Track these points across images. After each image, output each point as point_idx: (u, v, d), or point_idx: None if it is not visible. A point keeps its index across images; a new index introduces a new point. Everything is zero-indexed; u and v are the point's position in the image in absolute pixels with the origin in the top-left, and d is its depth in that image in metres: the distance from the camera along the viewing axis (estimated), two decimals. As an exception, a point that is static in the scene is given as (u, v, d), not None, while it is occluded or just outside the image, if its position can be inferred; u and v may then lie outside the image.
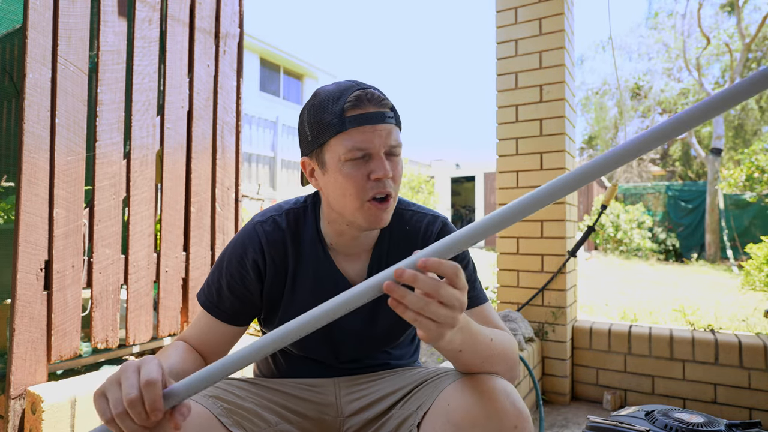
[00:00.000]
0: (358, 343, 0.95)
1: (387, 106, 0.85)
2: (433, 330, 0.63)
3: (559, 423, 2.01)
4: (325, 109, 0.84)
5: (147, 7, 1.68)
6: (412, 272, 0.61)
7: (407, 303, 0.62)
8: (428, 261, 0.61)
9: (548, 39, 2.25)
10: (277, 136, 14.07)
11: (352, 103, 0.82)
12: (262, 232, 0.92)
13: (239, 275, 0.90)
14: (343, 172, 0.83)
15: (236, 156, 2.02)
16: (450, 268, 0.62)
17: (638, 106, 16.64)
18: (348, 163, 0.83)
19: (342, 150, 0.82)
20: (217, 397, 0.78)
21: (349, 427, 0.89)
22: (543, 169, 2.25)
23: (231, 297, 0.90)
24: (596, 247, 10.59)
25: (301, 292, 0.92)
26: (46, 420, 1.21)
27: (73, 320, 1.44)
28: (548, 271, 2.24)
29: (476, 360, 0.75)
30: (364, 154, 0.83)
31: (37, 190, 1.35)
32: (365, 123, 0.82)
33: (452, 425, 0.71)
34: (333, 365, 0.96)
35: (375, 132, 0.82)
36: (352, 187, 0.83)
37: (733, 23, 13.36)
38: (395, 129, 0.85)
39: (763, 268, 4.01)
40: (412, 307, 0.62)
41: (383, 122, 0.83)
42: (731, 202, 10.20)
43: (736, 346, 2.02)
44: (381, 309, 0.93)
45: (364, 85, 0.86)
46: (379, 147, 0.83)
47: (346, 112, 0.82)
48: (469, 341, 0.71)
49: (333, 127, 0.83)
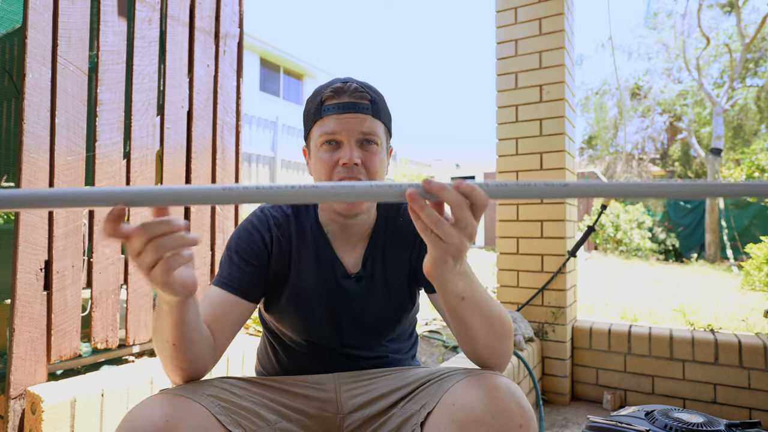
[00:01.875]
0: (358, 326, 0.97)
1: (365, 98, 0.90)
2: (444, 249, 0.65)
3: (559, 423, 2.01)
4: (312, 100, 0.93)
5: (147, 7, 1.68)
6: (440, 183, 0.63)
7: (422, 214, 0.63)
8: (462, 183, 0.63)
9: (548, 39, 2.25)
10: (277, 136, 14.06)
11: (330, 93, 0.89)
12: (270, 214, 0.98)
13: (249, 248, 0.94)
14: (317, 157, 0.91)
15: (236, 156, 2.02)
16: (480, 196, 0.64)
17: (638, 106, 16.64)
18: (321, 148, 0.90)
19: (317, 135, 0.90)
20: (215, 396, 0.78)
21: (349, 425, 0.89)
22: (543, 169, 2.25)
23: (242, 267, 0.92)
24: (596, 247, 10.59)
25: (302, 274, 0.95)
26: (46, 420, 1.21)
27: (72, 320, 1.43)
28: (548, 271, 2.24)
29: (477, 314, 0.76)
30: (334, 140, 0.89)
31: (36, 190, 1.35)
32: (338, 111, 0.88)
33: (457, 425, 0.71)
34: (335, 349, 0.97)
35: (346, 120, 0.88)
36: (323, 172, 0.90)
37: (733, 23, 13.38)
38: (370, 119, 0.90)
39: (762, 267, 4.01)
40: (426, 219, 0.64)
41: (355, 111, 0.88)
42: (731, 202, 10.21)
43: (735, 346, 2.02)
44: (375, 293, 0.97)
45: (348, 79, 0.92)
46: (348, 135, 0.88)
47: (325, 101, 0.90)
48: (470, 290, 0.73)
49: (314, 115, 0.92)
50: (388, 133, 0.97)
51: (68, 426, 1.25)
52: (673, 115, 16.25)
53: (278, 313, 0.97)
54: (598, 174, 12.96)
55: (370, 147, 0.90)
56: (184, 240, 0.63)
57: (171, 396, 0.72)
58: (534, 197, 0.62)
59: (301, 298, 0.95)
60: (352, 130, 0.88)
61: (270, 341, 1.04)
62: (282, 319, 0.97)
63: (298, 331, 0.97)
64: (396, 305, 0.99)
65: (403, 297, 0.99)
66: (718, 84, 15.34)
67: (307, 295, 0.95)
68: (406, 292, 0.99)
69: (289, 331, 0.98)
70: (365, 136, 0.89)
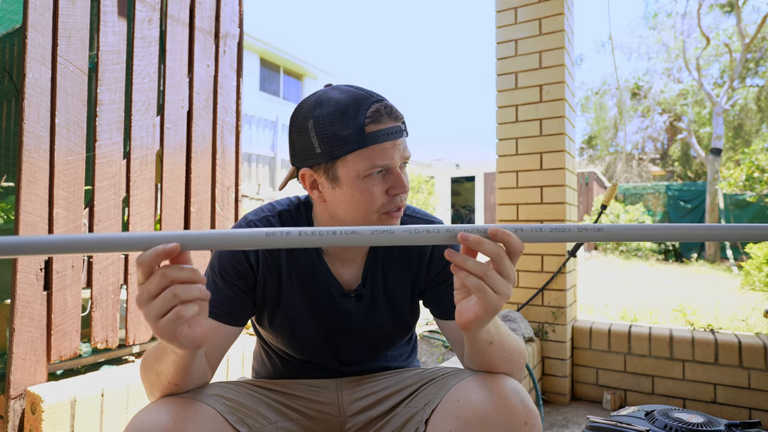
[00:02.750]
0: (358, 345, 0.94)
1: (401, 119, 0.83)
2: (495, 301, 0.63)
3: (559, 423, 2.01)
4: (340, 122, 0.79)
5: (147, 7, 1.68)
6: (477, 236, 0.61)
7: (469, 267, 0.61)
8: (498, 231, 0.62)
9: (548, 39, 2.25)
10: (277, 136, 14.07)
11: (372, 117, 0.79)
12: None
13: (233, 268, 0.86)
14: (361, 189, 0.81)
15: (236, 156, 2.02)
16: (517, 244, 0.63)
17: (638, 106, 16.65)
18: (369, 179, 0.81)
19: (362, 166, 0.80)
20: (221, 396, 0.78)
21: (351, 426, 0.89)
22: (543, 169, 2.25)
23: (226, 291, 0.85)
24: (596, 247, 10.59)
25: (295, 295, 0.90)
26: (46, 420, 1.21)
27: (72, 320, 1.43)
28: (548, 271, 2.24)
29: (502, 354, 0.76)
30: (384, 170, 0.82)
31: (36, 190, 1.35)
32: (386, 139, 0.80)
33: (462, 421, 0.71)
34: (336, 368, 0.95)
35: (395, 148, 0.81)
36: (369, 203, 0.82)
37: (733, 23, 13.37)
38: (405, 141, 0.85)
39: (762, 268, 4.01)
40: (474, 272, 0.62)
41: (401, 137, 0.82)
42: (731, 202, 10.21)
43: (735, 346, 2.02)
44: (378, 311, 0.93)
45: (378, 97, 0.83)
46: (397, 162, 0.82)
47: (367, 127, 0.79)
48: (497, 333, 0.73)
49: (352, 142, 0.79)
50: None
51: (68, 426, 1.25)
52: (673, 115, 16.25)
53: (271, 333, 0.93)
54: (598, 174, 12.96)
55: (405, 168, 0.86)
56: (202, 293, 0.59)
57: (177, 397, 0.72)
58: (568, 241, 0.63)
59: (295, 321, 0.90)
60: (400, 155, 0.82)
61: (264, 349, 1.01)
62: (275, 339, 0.93)
63: (293, 351, 0.94)
64: (400, 321, 0.95)
65: (406, 312, 0.96)
66: (718, 84, 15.34)
67: (301, 317, 0.90)
68: (409, 306, 0.96)
69: (283, 348, 0.95)
70: (407, 159, 0.84)
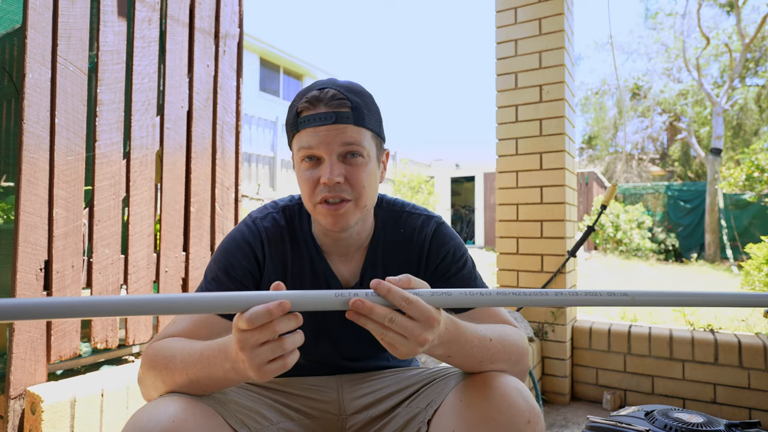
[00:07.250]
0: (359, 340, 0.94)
1: (344, 105, 0.79)
2: (403, 344, 0.63)
3: (559, 423, 2.01)
4: (290, 109, 0.84)
5: (147, 7, 1.68)
6: (369, 304, 0.62)
7: (374, 316, 0.62)
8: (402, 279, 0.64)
9: (548, 39, 2.25)
10: (276, 136, 14.06)
11: (305, 103, 0.80)
12: (262, 227, 0.91)
13: (239, 264, 0.87)
14: (298, 175, 0.84)
15: (236, 156, 2.02)
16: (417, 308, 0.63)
17: (638, 106, 16.64)
18: (301, 165, 0.82)
19: (296, 151, 0.83)
20: (221, 396, 0.78)
21: (352, 425, 0.89)
22: (543, 169, 2.25)
23: (230, 286, 0.86)
24: (596, 247, 10.59)
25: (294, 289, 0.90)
26: (46, 420, 1.21)
27: (72, 320, 1.43)
28: (548, 271, 2.24)
29: (471, 362, 0.75)
30: (314, 156, 0.81)
31: (36, 190, 1.35)
32: (314, 124, 0.79)
33: (464, 421, 0.71)
34: (338, 364, 0.96)
35: (324, 133, 0.79)
36: (305, 190, 0.83)
37: (733, 23, 13.37)
38: (352, 129, 0.80)
39: (762, 268, 4.01)
40: (378, 319, 0.62)
41: (335, 122, 0.79)
42: (731, 202, 10.20)
43: (735, 346, 2.02)
44: None
45: (328, 83, 0.82)
46: (328, 149, 0.79)
47: (301, 112, 0.80)
48: (455, 349, 0.72)
49: (291, 127, 0.83)
50: (379, 139, 0.87)
51: (68, 426, 1.25)
52: (673, 115, 16.25)
53: None
54: (598, 174, 12.96)
55: (354, 160, 0.81)
56: (302, 338, 0.64)
57: (177, 396, 0.72)
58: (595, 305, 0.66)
59: None
60: (332, 143, 0.79)
61: None
62: None
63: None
64: None
65: None
66: (718, 84, 15.33)
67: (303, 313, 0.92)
68: None
69: None
70: (347, 148, 0.80)
